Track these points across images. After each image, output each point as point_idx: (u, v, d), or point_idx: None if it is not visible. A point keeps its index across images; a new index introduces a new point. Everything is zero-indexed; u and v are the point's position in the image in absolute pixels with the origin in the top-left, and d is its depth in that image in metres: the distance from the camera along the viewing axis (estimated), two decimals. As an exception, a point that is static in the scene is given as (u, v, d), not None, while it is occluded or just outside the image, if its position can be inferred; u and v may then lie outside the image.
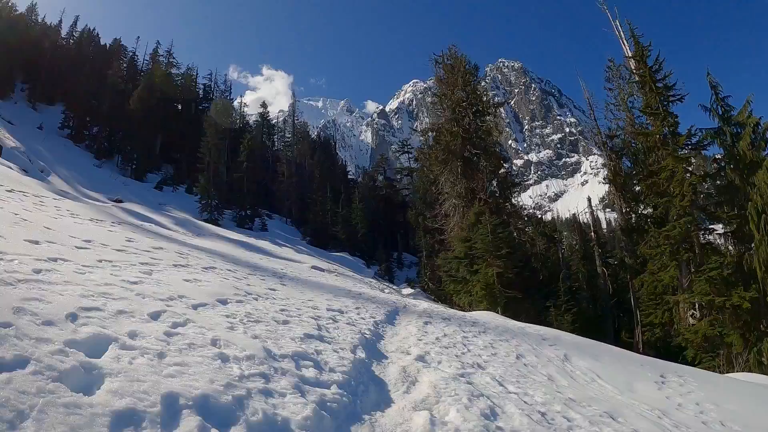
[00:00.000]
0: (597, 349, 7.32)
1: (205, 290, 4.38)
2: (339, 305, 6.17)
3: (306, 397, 2.56)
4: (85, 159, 32.99)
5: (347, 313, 5.74)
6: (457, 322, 7.14)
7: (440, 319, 7.32)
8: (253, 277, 6.99)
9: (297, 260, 20.37)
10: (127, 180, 32.34)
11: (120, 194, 26.46)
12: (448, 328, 6.45)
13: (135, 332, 2.59)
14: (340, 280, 14.74)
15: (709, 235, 16.14)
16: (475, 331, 6.59)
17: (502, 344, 6.07)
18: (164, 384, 2.07)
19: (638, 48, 18.15)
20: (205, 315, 3.51)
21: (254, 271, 8.30)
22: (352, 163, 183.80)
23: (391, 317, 6.78)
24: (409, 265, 41.38)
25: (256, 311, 4.17)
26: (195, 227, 22.07)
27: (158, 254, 6.20)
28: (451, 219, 24.16)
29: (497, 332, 6.88)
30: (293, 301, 5.41)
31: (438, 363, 4.24)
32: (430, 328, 6.34)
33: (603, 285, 27.14)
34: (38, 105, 36.81)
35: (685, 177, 15.24)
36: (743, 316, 13.75)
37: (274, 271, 9.64)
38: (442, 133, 25.07)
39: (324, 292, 7.71)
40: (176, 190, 34.54)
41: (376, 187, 52.61)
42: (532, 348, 6.24)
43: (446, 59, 26.65)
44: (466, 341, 5.78)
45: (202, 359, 2.53)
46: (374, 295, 10.07)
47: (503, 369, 4.69)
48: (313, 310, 5.16)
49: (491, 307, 15.71)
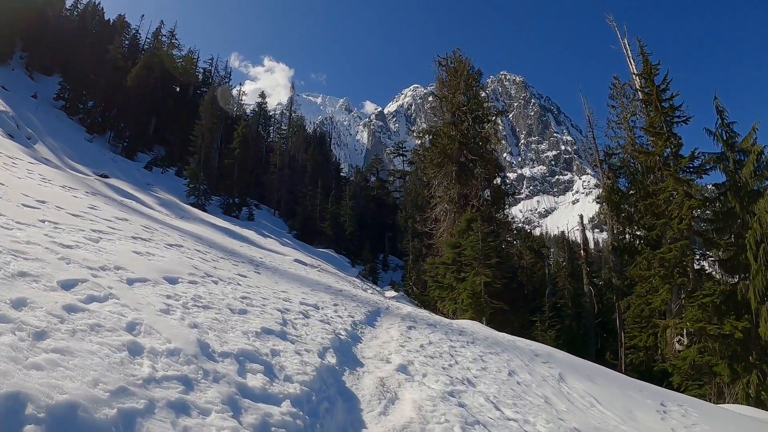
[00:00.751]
0: (591, 370, 6.75)
1: (154, 265, 3.71)
2: (315, 300, 5.51)
3: (240, 418, 1.86)
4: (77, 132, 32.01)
5: (323, 309, 5.07)
6: (443, 330, 6.50)
7: (425, 324, 6.67)
8: (225, 261, 6.30)
9: (280, 252, 19.82)
10: (116, 157, 31.49)
11: (107, 170, 25.76)
12: (433, 336, 5.80)
13: (24, 300, 1.95)
14: (322, 275, 14.08)
15: (704, 261, 15.80)
16: (462, 341, 5.96)
17: (493, 358, 5.46)
18: (15, 379, 1.38)
19: (646, 66, 17.83)
20: (139, 292, 2.85)
21: (228, 256, 7.58)
22: (346, 162, 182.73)
23: (372, 318, 6.13)
24: (394, 267, 40.87)
25: (209, 295, 3.52)
26: (179, 210, 21.43)
27: (120, 225, 5.50)
28: (442, 224, 23.65)
29: (486, 344, 6.26)
30: (262, 291, 4.74)
31: (423, 376, 3.60)
32: (414, 333, 5.69)
33: (588, 304, 26.87)
34: (35, 74, 35.85)
35: (684, 200, 14.87)
36: (733, 346, 13.41)
37: (251, 258, 8.92)
38: (440, 135, 24.53)
39: (301, 285, 7.04)
40: (166, 171, 33.78)
41: (368, 186, 52.09)
42: (524, 364, 5.63)
43: (450, 62, 26.13)
44: (453, 351, 5.15)
45: (99, 348, 1.85)
46: (356, 293, 9.39)
47: (496, 387, 4.08)
48: (283, 302, 4.50)
49: (476, 316, 15.12)
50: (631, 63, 21.43)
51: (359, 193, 49.23)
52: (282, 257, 16.80)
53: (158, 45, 43.89)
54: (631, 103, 22.32)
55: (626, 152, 21.67)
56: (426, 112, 37.45)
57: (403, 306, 10.94)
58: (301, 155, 48.06)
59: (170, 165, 34.82)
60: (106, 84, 34.15)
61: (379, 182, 52.87)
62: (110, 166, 27.68)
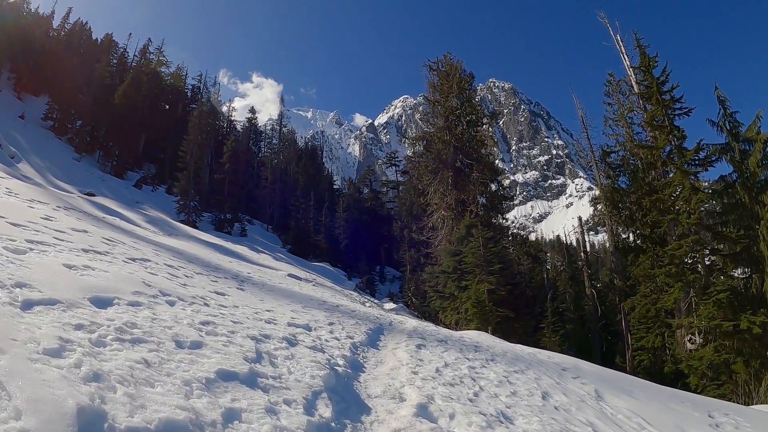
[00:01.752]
0: (626, 383, 5.98)
1: (85, 282, 2.86)
2: (307, 319, 4.70)
3: None
4: (65, 152, 31.55)
5: (316, 330, 4.27)
6: (457, 346, 5.70)
7: (435, 341, 5.86)
8: (202, 277, 5.49)
9: (273, 267, 19.14)
10: (105, 176, 30.98)
11: (95, 189, 25.30)
12: (447, 355, 5.01)
13: None
14: (317, 290, 13.26)
15: (714, 256, 15.19)
16: (481, 359, 5.18)
17: (519, 377, 4.68)
18: None
19: (644, 59, 17.40)
20: (30, 320, 1.98)
21: (210, 271, 6.78)
22: (338, 175, 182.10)
23: (375, 337, 5.33)
24: (391, 279, 40.07)
25: (151, 322, 2.64)
26: (168, 227, 20.83)
27: (73, 237, 4.73)
28: (439, 231, 22.94)
29: (507, 360, 5.47)
30: (240, 311, 3.94)
31: (450, 418, 2.79)
32: (425, 353, 4.89)
33: (591, 307, 26.27)
34: (23, 95, 35.51)
35: (691, 194, 14.31)
36: (751, 342, 12.75)
37: (236, 273, 8.10)
38: (434, 141, 23.94)
39: (292, 301, 6.23)
40: (156, 189, 33.20)
41: (361, 198, 51.51)
42: (554, 382, 4.86)
43: (440, 65, 25.63)
44: (474, 374, 4.36)
45: None
46: (354, 308, 8.56)
47: (537, 421, 3.27)
48: (264, 325, 3.69)
49: (482, 326, 14.32)
50: (626, 59, 21.04)
51: (353, 204, 48.66)
52: (274, 272, 16.06)
53: (146, 62, 43.57)
54: (628, 100, 21.93)
55: (625, 149, 21.17)
56: (417, 122, 36.89)
57: (405, 319, 10.13)
58: (292, 169, 47.49)
59: (161, 183, 34.25)
60: (94, 103, 33.87)
61: (372, 193, 52.26)
62: (98, 185, 27.28)
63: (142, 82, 37.61)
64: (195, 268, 6.09)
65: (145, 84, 37.79)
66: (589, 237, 75.09)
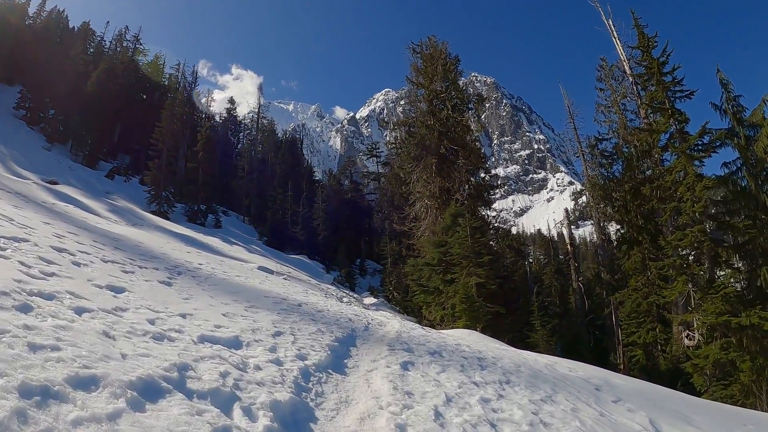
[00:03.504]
0: (679, 404, 4.69)
1: None
2: (240, 328, 3.18)
3: None
4: (36, 141, 30.03)
5: (248, 347, 2.77)
6: (456, 361, 4.21)
7: (426, 354, 4.34)
8: (111, 268, 3.83)
9: (244, 259, 17.91)
10: (75, 165, 29.31)
11: (61, 178, 23.52)
12: (447, 378, 3.54)
13: None
14: (286, 284, 11.76)
15: (718, 248, 14.17)
16: (494, 382, 3.72)
17: (553, 411, 3.29)
18: None
19: (642, 38, 16.26)
20: None
21: (145, 261, 5.21)
22: (319, 168, 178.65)
23: (342, 352, 3.83)
24: (372, 272, 38.68)
25: None
26: (135, 217, 19.77)
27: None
28: (422, 221, 21.54)
29: (526, 380, 4.06)
30: (129, 318, 2.37)
31: None
32: (415, 379, 3.39)
33: (578, 300, 25.47)
34: None
35: (695, 179, 13.25)
36: (760, 340, 11.81)
37: (178, 264, 6.53)
38: (417, 126, 22.42)
39: (237, 300, 4.70)
40: (129, 180, 31.44)
41: (341, 190, 49.88)
42: (597, 413, 3.50)
43: (425, 48, 24.05)
44: (492, 414, 2.90)
45: None
46: (322, 307, 6.98)
47: None
48: (152, 344, 2.11)
49: (471, 324, 12.98)
50: (618, 44, 20.08)
51: (333, 196, 47.11)
52: (242, 265, 14.65)
53: (123, 51, 41.60)
54: (621, 85, 21.00)
55: (619, 137, 20.17)
56: (399, 115, 35.49)
57: (386, 320, 8.64)
58: (271, 159, 45.61)
59: (135, 173, 32.48)
60: (68, 91, 31.72)
61: (352, 185, 50.59)
62: (65, 174, 25.73)
63: (117, 70, 35.78)
64: (124, 256, 4.50)
65: (121, 72, 36.03)
66: (571, 231, 75.14)
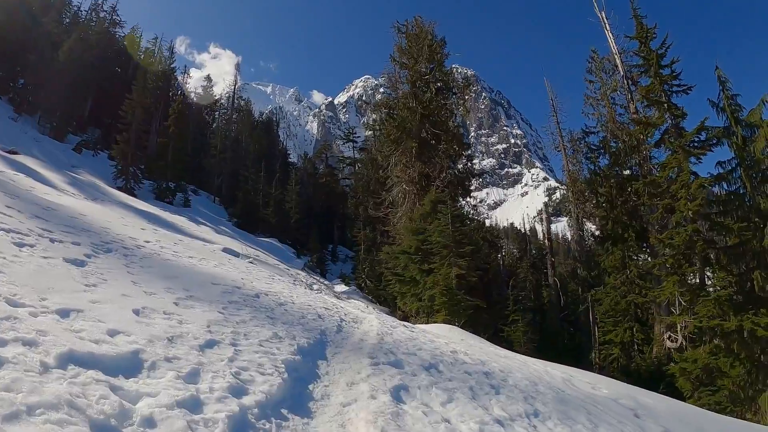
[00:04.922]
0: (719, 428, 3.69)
1: None
2: (147, 335, 2.03)
3: None
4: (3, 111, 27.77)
5: (148, 373, 1.59)
6: (462, 382, 3.12)
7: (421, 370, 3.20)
8: None
9: (209, 240, 16.80)
10: (41, 137, 27.29)
11: (23, 149, 21.46)
12: (458, 414, 2.44)
13: None
14: (251, 269, 10.50)
15: (709, 249, 13.69)
16: (519, 417, 2.65)
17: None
18: None
19: (641, 29, 15.52)
20: None
21: (67, 234, 3.77)
22: (295, 152, 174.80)
23: (306, 374, 2.60)
24: (344, 259, 37.61)
25: None
26: (97, 192, 18.81)
27: None
28: (399, 208, 20.45)
29: (553, 407, 3.04)
30: None
31: None
32: (414, 420, 2.24)
33: (554, 296, 25.09)
34: None
35: (691, 177, 12.68)
36: (751, 345, 11.39)
37: (111, 239, 5.13)
38: (399, 108, 21.11)
39: (170, 288, 3.51)
40: (98, 154, 29.48)
41: (316, 174, 48.27)
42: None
43: (411, 28, 22.62)
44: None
45: None
46: (286, 298, 5.72)
47: None
48: None
49: (451, 318, 12.05)
50: (610, 36, 19.41)
51: (307, 180, 45.34)
52: (206, 245, 13.49)
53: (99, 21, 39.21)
54: (612, 79, 20.32)
55: (607, 130, 19.51)
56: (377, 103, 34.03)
57: (362, 314, 7.49)
58: (245, 139, 43.66)
59: (105, 148, 30.41)
60: (38, 60, 29.34)
61: (328, 169, 48.98)
62: (29, 145, 23.84)
63: (92, 40, 33.47)
64: (38, 226, 3.19)
65: (95, 43, 33.71)
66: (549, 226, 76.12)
